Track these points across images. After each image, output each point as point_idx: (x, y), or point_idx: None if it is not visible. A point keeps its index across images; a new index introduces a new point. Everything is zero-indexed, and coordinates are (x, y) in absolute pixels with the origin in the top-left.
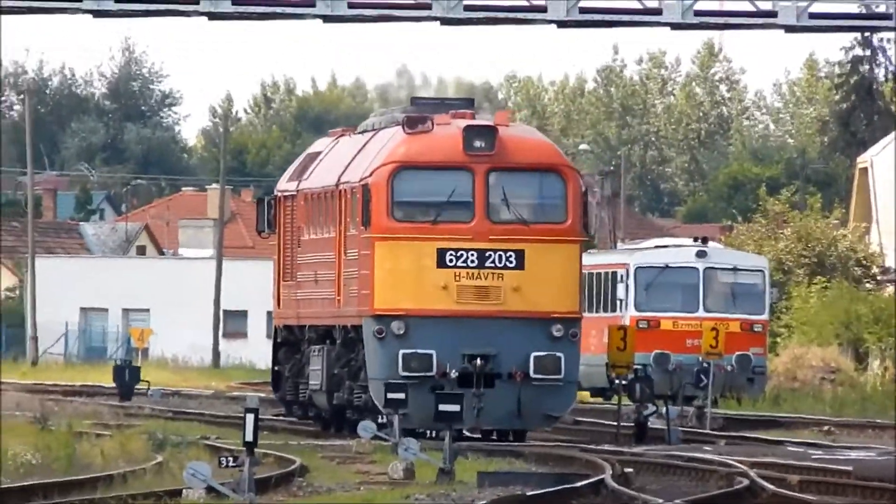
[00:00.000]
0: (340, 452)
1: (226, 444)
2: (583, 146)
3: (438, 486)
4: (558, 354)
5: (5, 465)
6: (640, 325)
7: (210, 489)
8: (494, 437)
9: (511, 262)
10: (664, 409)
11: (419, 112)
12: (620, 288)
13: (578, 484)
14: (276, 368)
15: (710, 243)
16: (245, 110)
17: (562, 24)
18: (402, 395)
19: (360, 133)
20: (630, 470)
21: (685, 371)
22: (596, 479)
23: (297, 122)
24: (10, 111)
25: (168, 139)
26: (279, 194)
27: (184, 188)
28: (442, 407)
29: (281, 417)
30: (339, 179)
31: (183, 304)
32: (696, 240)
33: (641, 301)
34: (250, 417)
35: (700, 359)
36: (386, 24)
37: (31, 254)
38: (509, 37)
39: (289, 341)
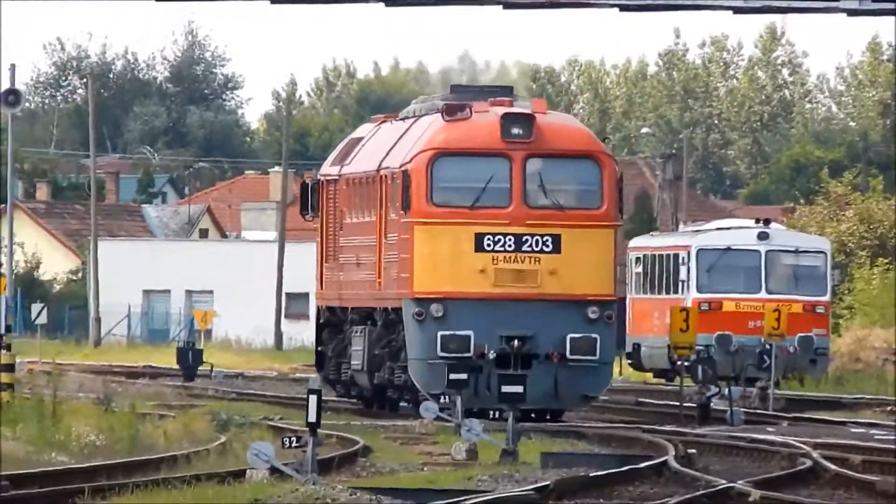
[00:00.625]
0: (403, 433)
1: (289, 424)
2: (645, 129)
3: (501, 467)
4: (594, 336)
5: (71, 446)
6: (703, 307)
7: (273, 469)
8: (533, 416)
9: (547, 247)
10: (726, 391)
11: (459, 99)
12: (683, 270)
13: (641, 465)
14: (319, 348)
15: (772, 225)
16: (308, 94)
17: (624, 7)
18: (464, 376)
19: (401, 120)
20: (693, 451)
21: (747, 352)
22: (659, 460)
23: (360, 106)
24: (73, 95)
25: (230, 122)
26: (322, 178)
27: (246, 171)
28: (505, 388)
29: (344, 399)
30: (380, 165)
31: (246, 286)
32: (757, 222)
33: (703, 283)
34: (313, 398)
35: (762, 340)
36: (448, 8)
37: (94, 236)
38: (571, 20)
39: (331, 322)
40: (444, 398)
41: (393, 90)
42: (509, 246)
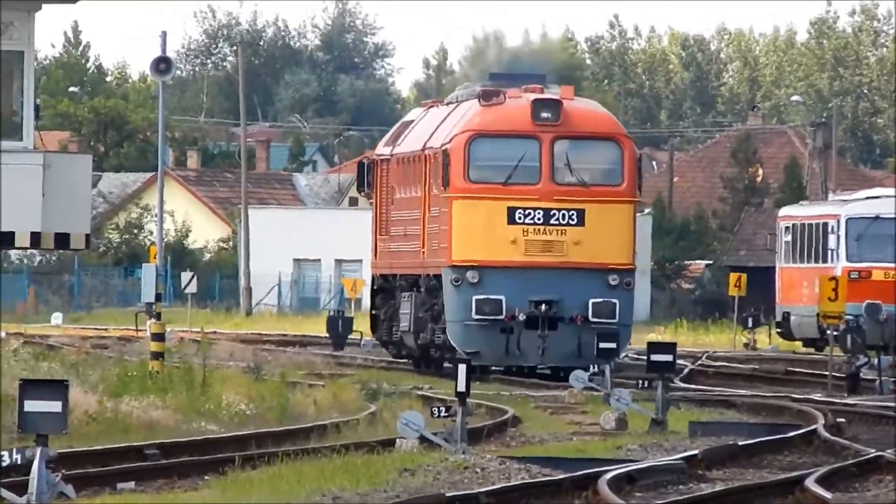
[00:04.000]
0: (553, 403)
1: (438, 394)
2: (794, 98)
3: (651, 437)
4: (614, 301)
5: (220, 415)
6: (852, 276)
7: (423, 439)
8: (562, 375)
9: (573, 220)
10: (875, 360)
11: (496, 86)
12: (832, 239)
13: (790, 434)
14: (373, 312)
15: None
16: (459, 62)
17: None
18: (613, 345)
19: (446, 104)
20: (842, 420)
21: None
22: (808, 429)
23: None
24: (224, 63)
25: (381, 91)
26: (377, 158)
27: None
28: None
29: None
30: (424, 145)
31: None
32: None
33: (853, 252)
34: (462, 368)
35: None
36: None
37: (245, 205)
38: None
39: (384, 289)
40: (592, 367)
41: (542, 58)
42: (538, 219)
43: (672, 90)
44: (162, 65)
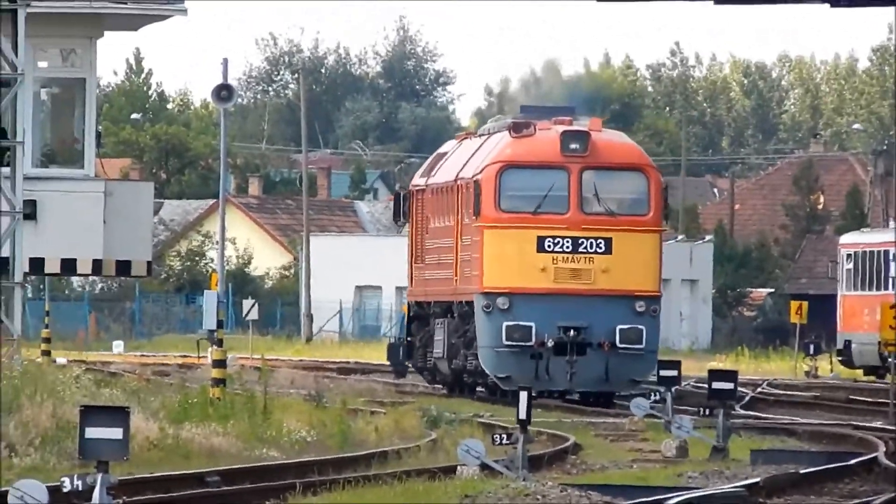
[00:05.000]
0: (613, 430)
1: (499, 421)
2: (856, 126)
3: (712, 464)
4: (641, 327)
5: (282, 442)
6: None
7: (484, 466)
8: (591, 400)
9: (601, 248)
10: None
11: (526, 118)
12: (893, 266)
13: (851, 462)
14: (408, 339)
15: None
16: (518, 90)
17: (835, 3)
18: (674, 373)
19: (478, 136)
20: None
21: None
22: (869, 456)
23: (569, 102)
24: (285, 90)
25: (442, 118)
26: (412, 188)
27: None
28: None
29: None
30: (457, 176)
31: None
32: None
33: None
34: (524, 395)
35: None
36: (659, 3)
37: (306, 232)
38: (782, 16)
39: (419, 315)
40: (654, 395)
41: (603, 85)
42: (567, 247)
43: (734, 117)
44: (223, 92)
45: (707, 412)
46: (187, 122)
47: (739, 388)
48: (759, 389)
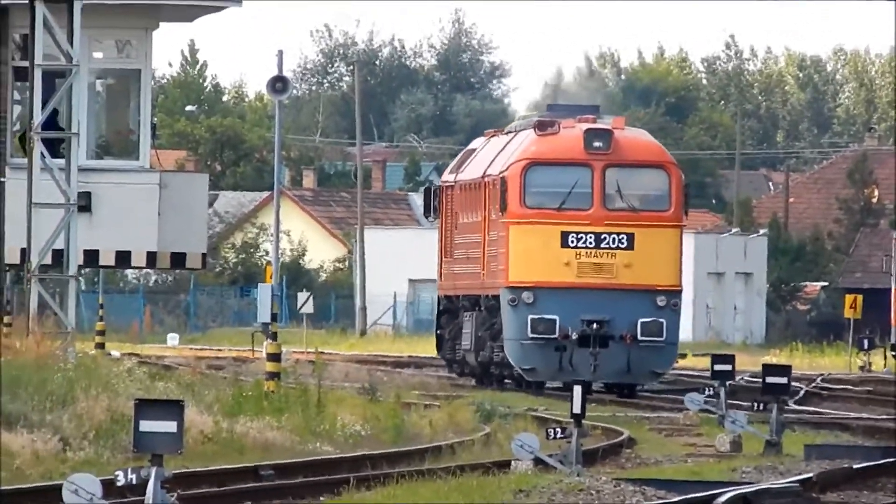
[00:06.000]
0: (668, 425)
1: (553, 415)
2: None
3: (765, 459)
4: (661, 320)
5: (335, 436)
6: None
7: (538, 461)
8: (616, 392)
9: (623, 243)
10: None
11: (552, 117)
12: None
13: None
14: (438, 332)
15: None
16: (574, 81)
17: None
18: (728, 367)
19: (506, 134)
20: None
21: None
22: None
23: (625, 95)
24: (340, 83)
25: (497, 111)
26: (442, 184)
27: None
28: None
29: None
30: (484, 172)
31: None
32: None
33: None
34: (578, 389)
35: None
36: None
37: (361, 225)
38: (838, 9)
39: (448, 309)
40: (709, 390)
41: (659, 78)
42: (590, 242)
43: (788, 111)
44: (278, 84)
45: (761, 407)
46: (242, 115)
47: (793, 383)
48: (813, 384)
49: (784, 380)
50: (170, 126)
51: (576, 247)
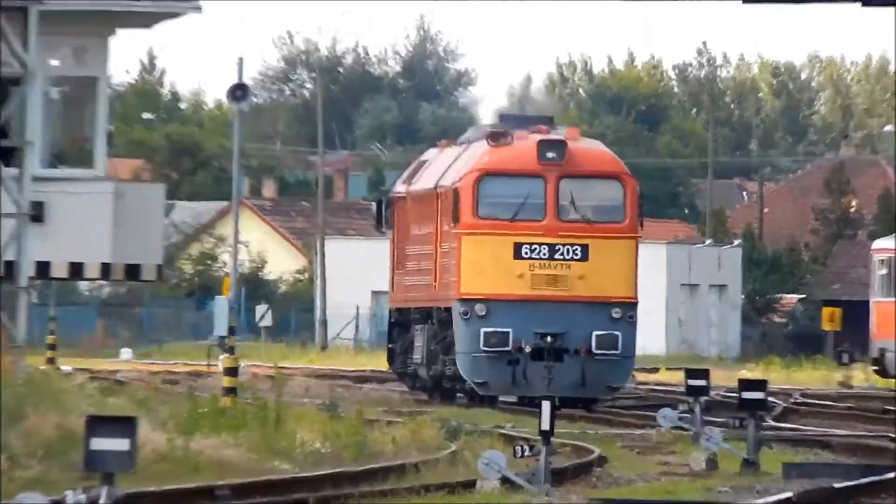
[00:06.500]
0: (640, 442)
1: (521, 432)
2: (888, 127)
3: (742, 478)
4: (616, 333)
5: (295, 454)
6: None
7: (505, 480)
8: (579, 406)
9: (577, 255)
10: None
11: (505, 127)
12: None
13: (888, 475)
14: (390, 345)
15: None
16: (542, 88)
17: (867, 2)
18: (703, 382)
19: (458, 145)
20: None
21: None
22: None
23: (594, 102)
24: (302, 90)
25: (464, 119)
26: (394, 196)
27: None
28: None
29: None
30: (437, 183)
31: None
32: None
33: None
34: (546, 405)
35: None
36: (687, 2)
37: (322, 235)
38: (811, 16)
39: (400, 322)
40: (682, 406)
41: (629, 85)
42: (544, 254)
43: (762, 119)
44: (238, 91)
45: (737, 423)
46: (201, 123)
47: (770, 399)
48: (791, 400)
49: (761, 395)
50: (126, 134)
51: (529, 258)
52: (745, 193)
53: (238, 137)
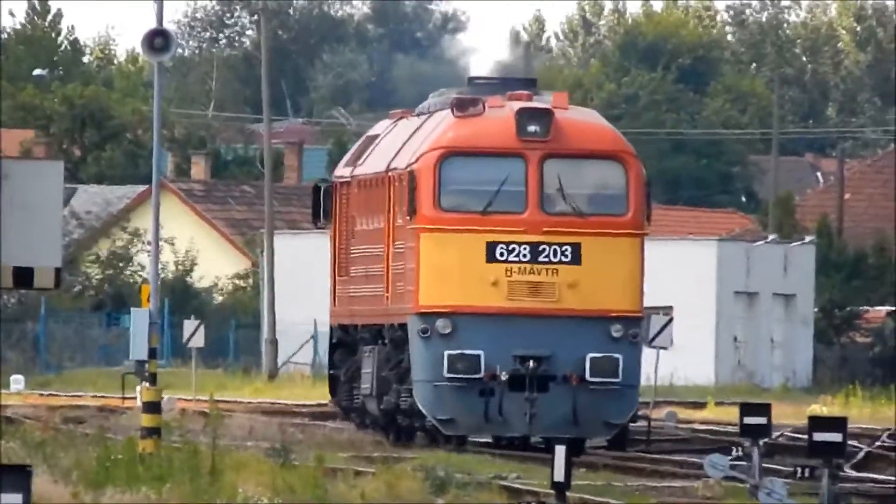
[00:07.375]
0: (682, 497)
1: (528, 484)
2: None
3: None
4: (616, 356)
5: None
6: None
7: None
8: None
9: (566, 257)
10: None
11: (476, 93)
12: None
13: None
14: (331, 372)
15: None
16: (556, 36)
17: None
18: (763, 420)
19: (417, 115)
20: None
21: None
22: None
23: (623, 55)
24: (241, 38)
25: (451, 75)
26: (335, 181)
27: None
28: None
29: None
30: (388, 165)
31: None
32: None
33: None
34: (560, 450)
35: None
36: None
37: (269, 229)
38: None
39: (344, 342)
40: (736, 450)
41: (668, 33)
42: (524, 256)
43: (843, 77)
44: (158, 40)
45: (807, 473)
46: (109, 81)
47: (850, 442)
48: (876, 443)
49: (838, 437)
50: (13, 97)
51: (506, 261)
52: (819, 175)
53: (158, 101)
